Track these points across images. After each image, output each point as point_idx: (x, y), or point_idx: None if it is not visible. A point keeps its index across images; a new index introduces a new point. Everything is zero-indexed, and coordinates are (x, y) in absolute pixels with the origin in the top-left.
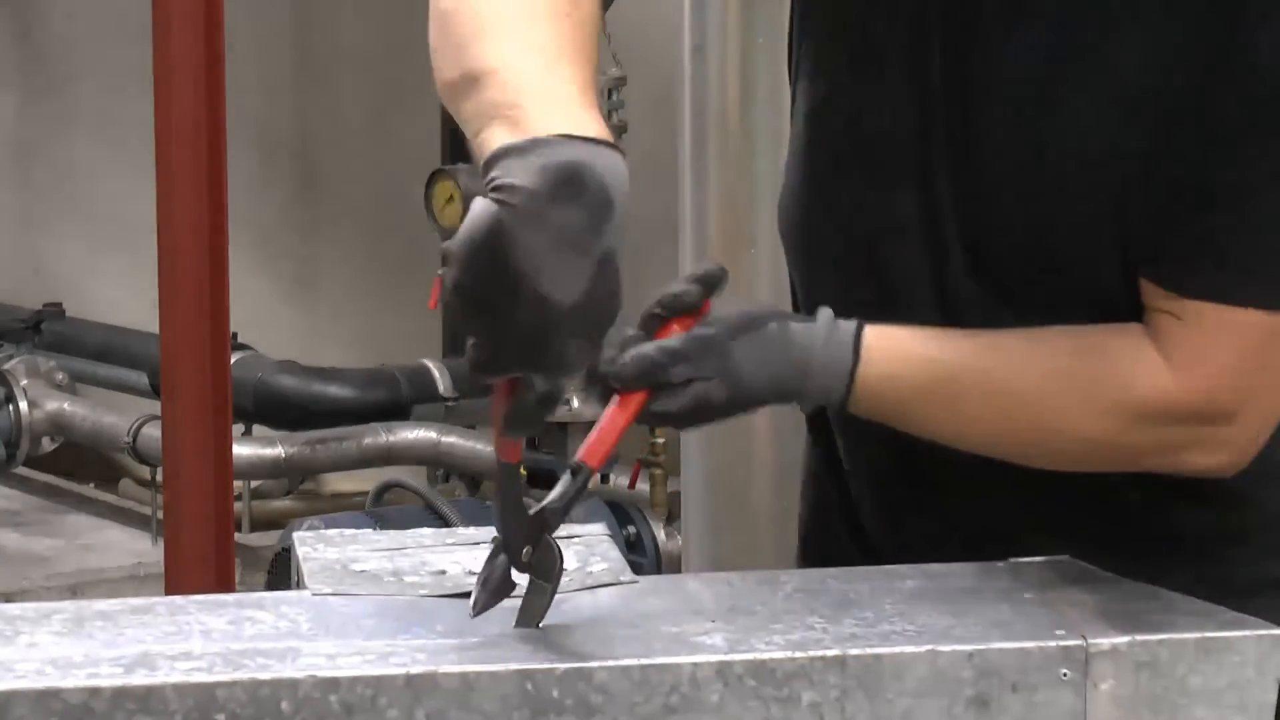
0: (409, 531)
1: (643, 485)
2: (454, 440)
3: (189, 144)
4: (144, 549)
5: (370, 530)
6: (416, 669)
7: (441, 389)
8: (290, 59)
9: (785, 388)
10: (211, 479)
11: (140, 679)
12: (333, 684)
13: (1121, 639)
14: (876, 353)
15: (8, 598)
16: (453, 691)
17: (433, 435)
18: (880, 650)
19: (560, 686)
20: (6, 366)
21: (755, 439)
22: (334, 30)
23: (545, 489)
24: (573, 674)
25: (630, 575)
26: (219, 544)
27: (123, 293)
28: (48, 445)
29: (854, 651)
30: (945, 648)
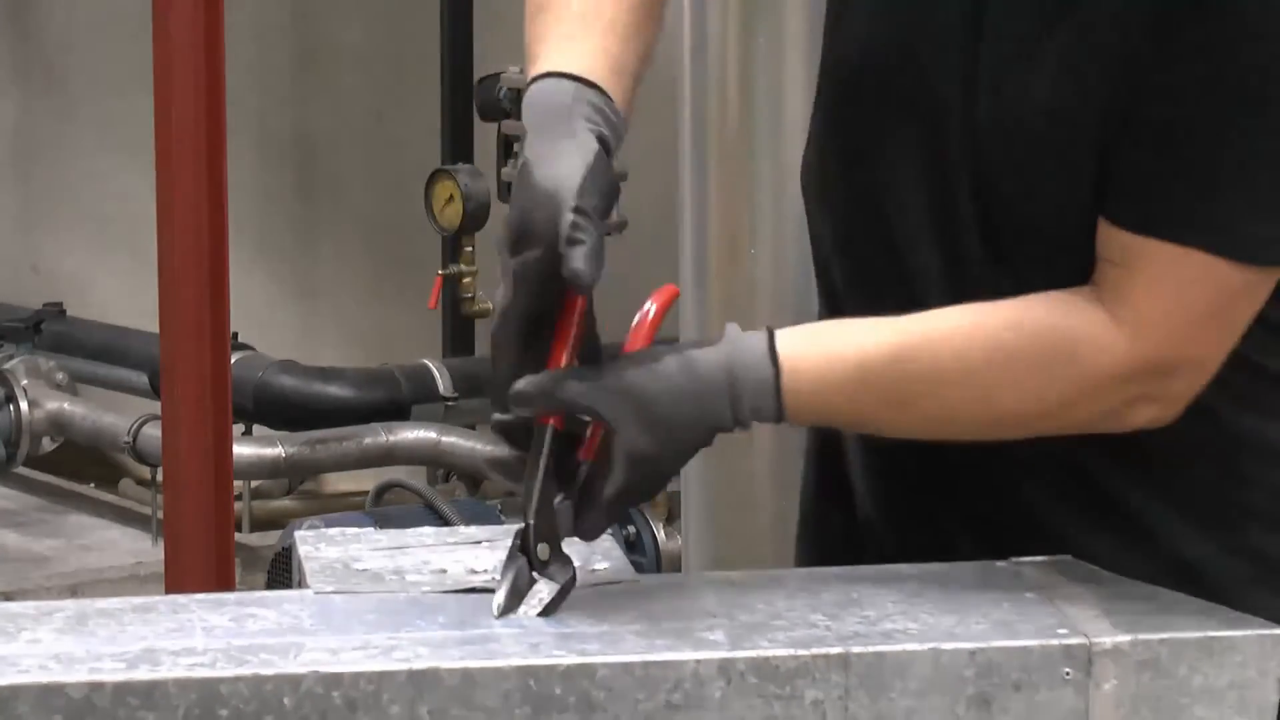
0: (410, 530)
1: None
2: (454, 440)
3: (189, 144)
4: (144, 549)
5: (371, 529)
6: (419, 664)
7: (441, 389)
8: (290, 59)
9: (711, 418)
10: (211, 479)
11: (143, 674)
12: (335, 679)
13: (1124, 638)
14: (799, 359)
15: (8, 597)
16: (455, 687)
17: (433, 435)
18: (883, 648)
19: (562, 683)
20: (6, 366)
21: (755, 439)
22: (334, 30)
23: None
24: (575, 670)
25: (632, 574)
26: (219, 544)
27: (123, 293)
28: (48, 445)
29: (857, 650)
30: (948, 646)
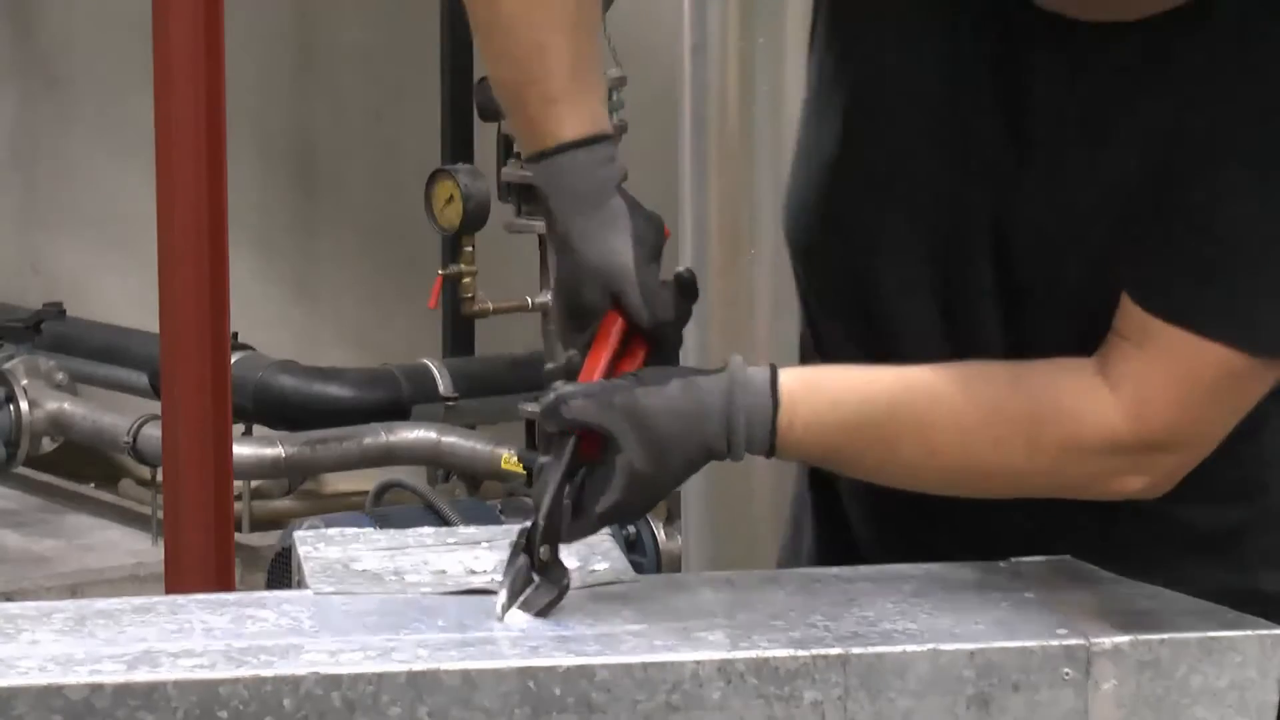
0: (410, 531)
1: None
2: (454, 440)
3: (189, 144)
4: (144, 549)
5: (371, 529)
6: (419, 666)
7: (441, 389)
8: (290, 58)
9: (706, 441)
10: (211, 479)
11: (142, 676)
12: (335, 681)
13: (1123, 638)
14: (799, 398)
15: (8, 597)
16: (454, 689)
17: (433, 435)
18: (882, 649)
19: (562, 684)
20: (6, 366)
21: None
22: (334, 30)
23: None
24: (575, 671)
25: (632, 574)
26: (219, 544)
27: (123, 293)
28: (48, 445)
29: (856, 650)
30: (947, 647)
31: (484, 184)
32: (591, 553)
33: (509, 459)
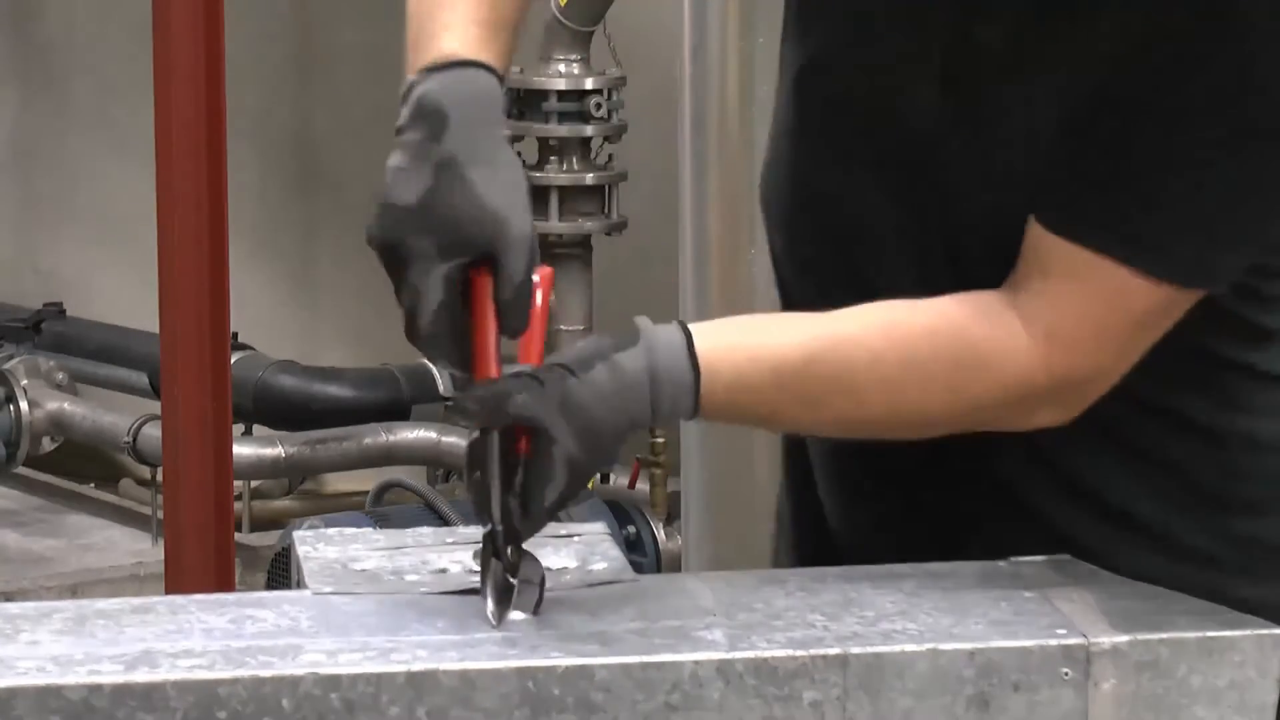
0: (409, 530)
1: (642, 485)
2: (454, 440)
3: (189, 144)
4: (144, 549)
5: (371, 529)
6: (418, 666)
7: (441, 389)
8: (290, 58)
9: (634, 418)
10: (211, 479)
11: (141, 676)
12: (334, 681)
13: (1123, 638)
14: (717, 360)
15: (8, 597)
16: (454, 689)
17: (433, 435)
18: (881, 649)
19: (561, 684)
20: (6, 366)
21: (755, 438)
22: (335, 29)
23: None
24: (573, 672)
25: (631, 574)
26: (219, 544)
27: (123, 293)
28: (48, 445)
29: (855, 650)
30: (946, 647)
31: None
32: (591, 552)
33: None
